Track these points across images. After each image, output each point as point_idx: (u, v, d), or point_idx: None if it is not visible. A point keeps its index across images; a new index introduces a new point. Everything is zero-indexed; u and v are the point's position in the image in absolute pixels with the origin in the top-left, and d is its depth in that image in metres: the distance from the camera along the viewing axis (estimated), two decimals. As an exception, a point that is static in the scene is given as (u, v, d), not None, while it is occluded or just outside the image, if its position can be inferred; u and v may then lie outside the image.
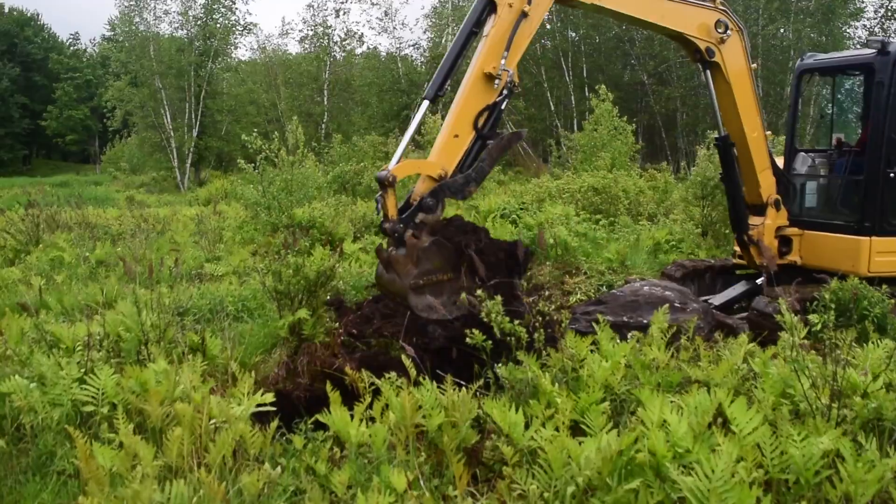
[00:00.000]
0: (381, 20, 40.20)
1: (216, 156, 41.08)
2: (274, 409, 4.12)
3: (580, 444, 3.27)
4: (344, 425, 3.87)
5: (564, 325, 4.81)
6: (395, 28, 40.36)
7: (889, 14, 35.41)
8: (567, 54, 36.64)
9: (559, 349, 4.56)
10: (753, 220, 7.94)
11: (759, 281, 8.05)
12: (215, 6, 38.40)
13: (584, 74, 36.44)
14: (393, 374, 4.27)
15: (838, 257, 7.72)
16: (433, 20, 41.03)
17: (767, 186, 7.81)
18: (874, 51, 7.62)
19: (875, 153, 7.53)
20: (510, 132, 6.14)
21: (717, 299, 7.92)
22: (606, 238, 11.71)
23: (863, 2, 35.75)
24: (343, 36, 41.37)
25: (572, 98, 35.79)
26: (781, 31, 33.75)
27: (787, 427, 3.37)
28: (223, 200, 22.79)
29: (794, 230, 8.04)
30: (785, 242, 8.07)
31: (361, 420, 3.95)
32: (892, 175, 7.51)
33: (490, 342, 4.54)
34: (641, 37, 35.81)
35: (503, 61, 5.74)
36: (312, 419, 4.27)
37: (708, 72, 7.34)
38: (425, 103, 5.95)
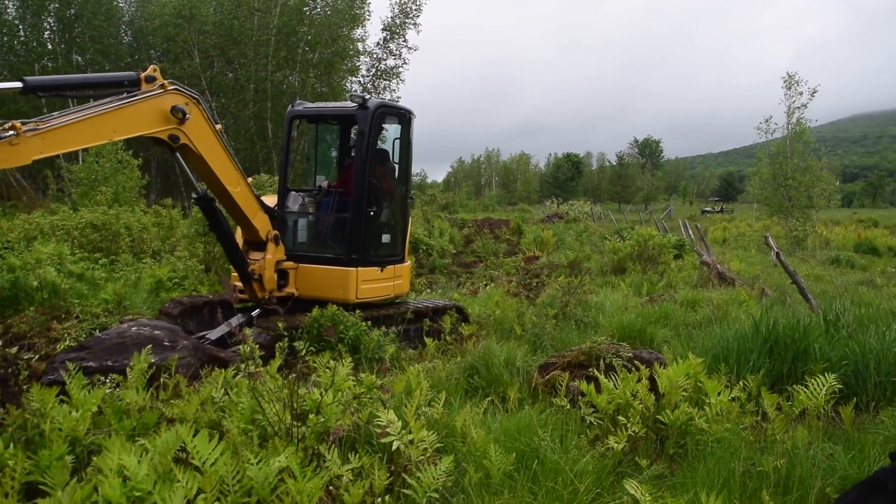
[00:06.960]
0: None
1: None
2: None
3: (31, 507, 3.02)
4: None
5: (24, 377, 4.39)
6: None
7: (379, 74, 40.98)
8: (68, 78, 33.77)
9: (20, 404, 4.15)
10: (255, 256, 8.27)
11: (253, 313, 8.42)
12: None
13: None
14: None
15: (330, 287, 8.46)
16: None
17: (263, 226, 8.16)
18: (356, 105, 8.63)
19: (359, 194, 8.48)
20: None
21: (215, 334, 8.04)
22: (105, 278, 11.05)
23: (358, 61, 40.80)
24: None
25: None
26: (290, 78, 36.50)
27: (247, 452, 3.58)
28: None
29: (289, 264, 8.54)
30: (283, 276, 8.53)
31: None
32: (371, 213, 8.59)
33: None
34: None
35: None
36: None
37: (178, 154, 6.90)
38: None
